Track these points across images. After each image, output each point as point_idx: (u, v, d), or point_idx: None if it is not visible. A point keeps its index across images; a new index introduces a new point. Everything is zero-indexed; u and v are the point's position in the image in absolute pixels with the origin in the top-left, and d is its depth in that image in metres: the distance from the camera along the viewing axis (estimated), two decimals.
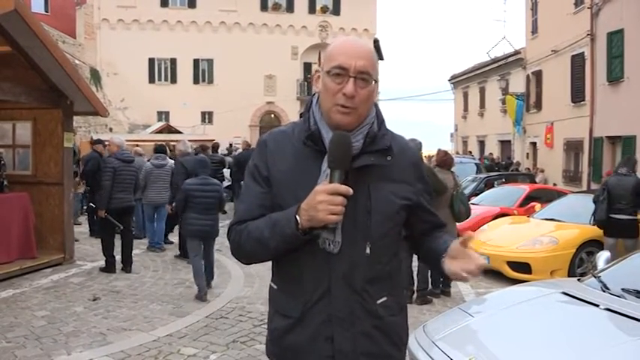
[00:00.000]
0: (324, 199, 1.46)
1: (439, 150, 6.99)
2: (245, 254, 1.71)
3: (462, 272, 1.55)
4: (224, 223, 12.05)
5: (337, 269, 1.60)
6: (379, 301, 1.66)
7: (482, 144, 28.38)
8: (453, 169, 6.68)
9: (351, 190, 1.49)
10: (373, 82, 1.61)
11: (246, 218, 1.68)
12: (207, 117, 29.74)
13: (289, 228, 1.54)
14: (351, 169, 1.56)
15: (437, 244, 1.74)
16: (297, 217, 1.52)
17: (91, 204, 7.79)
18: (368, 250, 1.61)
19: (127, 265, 7.36)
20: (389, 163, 1.65)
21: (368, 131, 1.63)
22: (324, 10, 31.49)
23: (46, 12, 27.51)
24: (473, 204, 8.54)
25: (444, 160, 6.58)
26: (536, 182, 15.60)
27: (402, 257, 1.83)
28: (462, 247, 1.57)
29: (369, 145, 1.63)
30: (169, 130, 22.35)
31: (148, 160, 9.45)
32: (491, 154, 24.59)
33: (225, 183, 12.51)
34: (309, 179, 1.58)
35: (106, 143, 9.05)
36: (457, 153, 27.14)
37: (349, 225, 1.56)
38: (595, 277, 3.64)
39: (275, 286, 1.76)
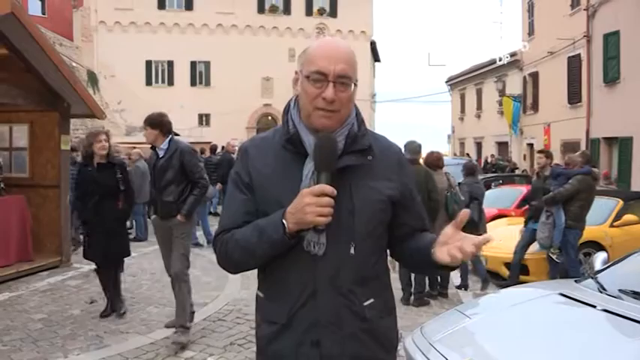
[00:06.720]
0: (312, 201, 1.46)
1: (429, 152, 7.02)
2: (233, 264, 1.69)
3: (456, 253, 1.48)
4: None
5: (322, 272, 1.58)
6: (366, 303, 1.62)
7: (479, 145, 28.46)
8: (447, 171, 6.69)
9: (335, 191, 1.47)
10: (353, 85, 1.60)
11: (230, 227, 1.66)
12: (204, 119, 29.72)
13: (277, 233, 1.52)
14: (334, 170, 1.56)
15: (423, 242, 1.66)
16: (284, 221, 1.51)
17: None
18: (352, 251, 1.59)
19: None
20: (370, 162, 1.63)
21: (348, 132, 1.63)
22: (321, 12, 31.51)
23: (43, 14, 27.49)
24: None
25: (432, 160, 6.59)
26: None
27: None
28: (455, 230, 1.53)
29: (350, 145, 1.62)
30: None
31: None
32: (492, 155, 24.65)
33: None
34: (291, 183, 1.57)
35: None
36: (455, 155, 27.17)
37: (333, 226, 1.53)
38: (592, 278, 3.65)
39: (262, 295, 1.72)
